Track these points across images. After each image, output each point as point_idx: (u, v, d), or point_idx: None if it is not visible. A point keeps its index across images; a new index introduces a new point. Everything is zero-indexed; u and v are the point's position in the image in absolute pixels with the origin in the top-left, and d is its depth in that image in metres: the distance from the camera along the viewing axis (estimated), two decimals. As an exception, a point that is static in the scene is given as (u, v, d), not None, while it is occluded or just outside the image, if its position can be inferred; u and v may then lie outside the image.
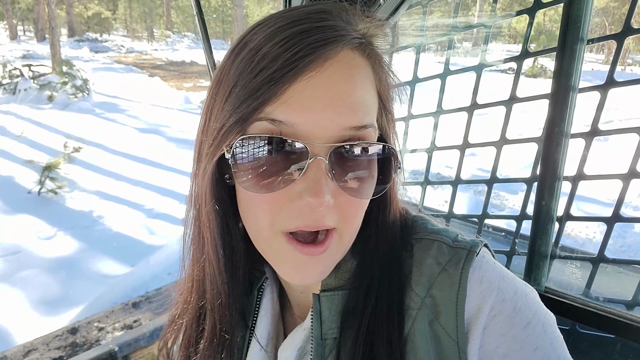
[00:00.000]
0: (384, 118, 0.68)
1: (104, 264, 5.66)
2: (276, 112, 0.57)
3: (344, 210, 0.61)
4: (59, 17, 28.59)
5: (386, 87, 0.67)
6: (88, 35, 35.31)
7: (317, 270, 0.63)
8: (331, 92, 0.57)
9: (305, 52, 0.56)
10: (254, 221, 0.64)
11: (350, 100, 0.58)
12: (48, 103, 13.28)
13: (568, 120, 1.25)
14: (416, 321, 0.62)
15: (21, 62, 16.16)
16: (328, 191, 0.57)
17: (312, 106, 0.56)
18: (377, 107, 0.65)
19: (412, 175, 5.78)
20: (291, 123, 0.57)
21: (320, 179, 0.57)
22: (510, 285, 0.62)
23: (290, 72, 0.56)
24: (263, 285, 0.80)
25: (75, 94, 14.00)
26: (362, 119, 0.59)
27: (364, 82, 0.61)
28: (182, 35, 39.44)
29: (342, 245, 0.64)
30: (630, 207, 7.35)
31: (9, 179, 8.00)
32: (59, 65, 14.71)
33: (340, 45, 0.59)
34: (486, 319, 0.59)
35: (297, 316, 0.81)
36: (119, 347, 2.24)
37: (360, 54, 0.62)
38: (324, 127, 0.57)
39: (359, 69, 0.61)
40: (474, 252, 0.63)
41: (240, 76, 0.59)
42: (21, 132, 10.49)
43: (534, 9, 1.40)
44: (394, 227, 0.71)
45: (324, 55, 0.57)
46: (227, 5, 39.90)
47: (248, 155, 0.59)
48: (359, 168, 0.61)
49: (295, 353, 0.72)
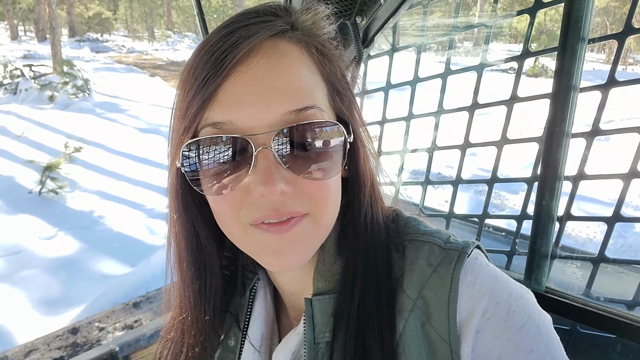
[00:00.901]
0: (338, 100, 0.67)
1: (104, 263, 5.67)
2: (214, 114, 0.59)
3: (309, 195, 0.61)
4: (60, 17, 28.60)
5: (331, 71, 0.67)
6: (89, 36, 35.33)
7: (292, 251, 0.62)
8: (260, 82, 0.58)
9: (228, 52, 0.58)
10: (223, 222, 0.65)
11: (282, 86, 0.59)
12: (49, 103, 13.30)
13: (569, 120, 1.25)
14: (408, 323, 0.62)
15: (22, 62, 16.17)
16: (280, 179, 0.58)
17: (245, 100, 0.58)
18: (324, 90, 0.65)
19: (412, 175, 5.79)
20: (229, 121, 0.59)
21: (269, 167, 0.58)
22: (504, 287, 0.61)
23: (219, 72, 0.58)
24: (255, 286, 0.80)
25: (76, 94, 14.02)
26: (300, 101, 0.59)
27: (296, 67, 0.61)
28: (183, 35, 39.49)
29: (318, 229, 0.64)
30: (631, 207, 7.35)
31: (10, 179, 8.01)
32: (59, 65, 14.72)
33: (262, 37, 0.60)
34: (479, 322, 0.58)
35: (293, 318, 0.80)
36: (120, 347, 2.24)
37: (287, 41, 0.63)
38: (261, 118, 0.58)
39: (288, 55, 0.61)
40: (465, 253, 0.63)
41: (184, 85, 0.62)
42: (22, 132, 10.50)
43: (534, 8, 1.40)
44: (376, 216, 0.70)
45: (247, 49, 0.58)
46: (227, 5, 39.92)
47: (197, 161, 0.61)
48: (310, 150, 0.60)
49: (290, 357, 0.71)
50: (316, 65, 0.65)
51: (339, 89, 0.67)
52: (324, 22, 0.69)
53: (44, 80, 14.13)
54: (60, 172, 7.81)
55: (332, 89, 0.66)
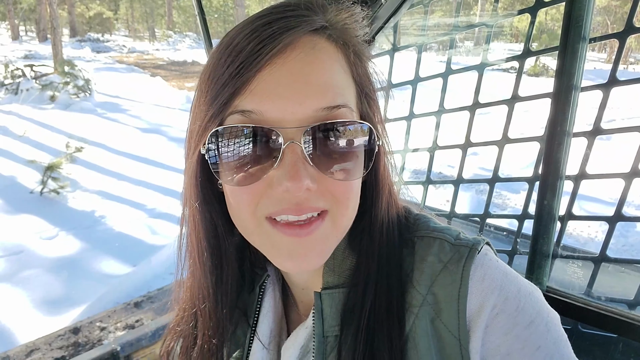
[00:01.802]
0: (365, 104, 0.67)
1: (106, 263, 5.67)
2: (244, 103, 0.58)
3: (332, 194, 0.61)
4: (61, 17, 28.66)
5: (362, 73, 0.67)
6: (90, 36, 35.32)
7: (310, 255, 0.62)
8: (296, 76, 0.58)
9: (267, 42, 0.57)
10: (238, 215, 0.64)
11: (316, 82, 0.58)
12: (50, 103, 13.31)
13: (570, 119, 1.25)
14: (418, 318, 0.62)
15: (23, 63, 16.19)
16: (306, 175, 0.57)
17: (279, 92, 0.57)
18: (353, 91, 0.65)
19: (414, 175, 5.77)
20: (260, 111, 0.58)
21: (296, 162, 0.57)
22: (514, 283, 0.61)
23: (254, 62, 0.57)
24: (265, 283, 0.80)
25: (77, 94, 14.03)
26: (333, 99, 0.59)
27: (331, 65, 0.61)
28: (184, 35, 39.49)
29: (336, 230, 0.64)
30: (633, 207, 7.33)
31: (12, 179, 8.02)
32: (60, 65, 14.73)
33: (301, 31, 0.59)
34: (488, 317, 0.59)
35: (302, 314, 0.81)
36: (121, 347, 2.25)
37: (326, 39, 0.62)
38: (293, 112, 0.57)
39: (325, 52, 0.61)
40: (475, 249, 0.63)
41: (213, 72, 0.61)
42: (23, 132, 10.51)
43: (535, 8, 1.39)
44: (391, 222, 0.70)
45: (286, 42, 0.58)
46: (228, 5, 39.92)
47: (222, 149, 0.60)
48: (337, 149, 0.60)
49: (298, 351, 0.72)
50: (350, 65, 0.64)
51: (367, 92, 0.67)
52: (360, 23, 0.69)
53: (45, 80, 14.14)
54: (61, 172, 7.81)
55: (361, 92, 0.66)
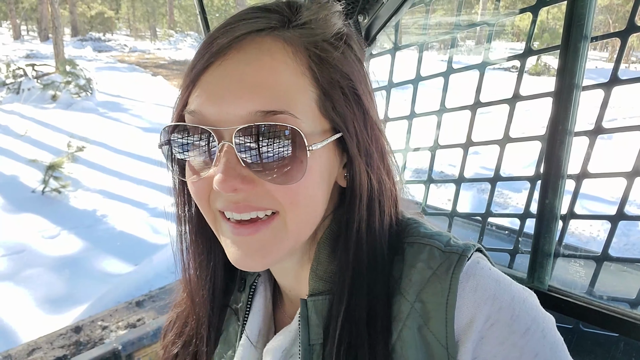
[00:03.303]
0: (332, 108, 0.61)
1: (107, 262, 5.69)
2: (192, 103, 0.61)
3: (273, 196, 0.60)
4: (62, 16, 28.68)
5: (331, 73, 0.61)
6: (91, 35, 35.37)
7: (253, 255, 0.62)
8: (233, 77, 0.58)
9: (217, 43, 0.59)
10: (199, 207, 0.67)
11: (251, 83, 0.57)
12: (51, 102, 13.33)
13: (572, 118, 1.25)
14: (405, 326, 0.60)
15: (25, 62, 16.23)
16: (235, 176, 0.57)
17: (217, 93, 0.58)
18: (311, 95, 0.60)
19: (415, 174, 5.75)
20: (201, 112, 0.60)
21: (227, 162, 0.57)
22: (507, 291, 0.59)
23: (202, 64, 0.60)
24: (256, 282, 0.80)
25: (78, 93, 14.05)
26: (269, 103, 0.57)
27: (275, 67, 0.58)
28: (185, 35, 39.45)
29: (288, 232, 0.62)
30: (635, 205, 7.31)
31: (13, 178, 8.04)
32: (62, 64, 14.75)
33: (252, 33, 0.60)
34: (482, 328, 0.57)
35: (288, 315, 0.80)
36: (123, 346, 2.25)
37: (274, 39, 0.60)
38: (228, 112, 0.58)
39: (268, 54, 0.59)
40: (465, 256, 0.61)
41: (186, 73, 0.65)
42: (25, 132, 10.53)
43: (537, 6, 1.39)
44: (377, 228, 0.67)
45: (225, 43, 0.59)
46: (229, 4, 39.89)
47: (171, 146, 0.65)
48: (268, 152, 0.58)
49: (280, 354, 0.71)
50: (307, 67, 0.60)
51: (336, 96, 0.61)
52: (330, 19, 0.64)
53: (46, 79, 14.16)
54: (63, 171, 7.83)
55: (325, 95, 0.61)
